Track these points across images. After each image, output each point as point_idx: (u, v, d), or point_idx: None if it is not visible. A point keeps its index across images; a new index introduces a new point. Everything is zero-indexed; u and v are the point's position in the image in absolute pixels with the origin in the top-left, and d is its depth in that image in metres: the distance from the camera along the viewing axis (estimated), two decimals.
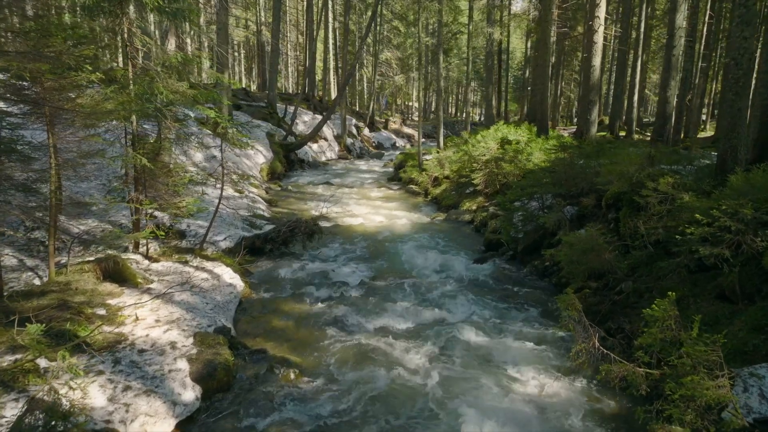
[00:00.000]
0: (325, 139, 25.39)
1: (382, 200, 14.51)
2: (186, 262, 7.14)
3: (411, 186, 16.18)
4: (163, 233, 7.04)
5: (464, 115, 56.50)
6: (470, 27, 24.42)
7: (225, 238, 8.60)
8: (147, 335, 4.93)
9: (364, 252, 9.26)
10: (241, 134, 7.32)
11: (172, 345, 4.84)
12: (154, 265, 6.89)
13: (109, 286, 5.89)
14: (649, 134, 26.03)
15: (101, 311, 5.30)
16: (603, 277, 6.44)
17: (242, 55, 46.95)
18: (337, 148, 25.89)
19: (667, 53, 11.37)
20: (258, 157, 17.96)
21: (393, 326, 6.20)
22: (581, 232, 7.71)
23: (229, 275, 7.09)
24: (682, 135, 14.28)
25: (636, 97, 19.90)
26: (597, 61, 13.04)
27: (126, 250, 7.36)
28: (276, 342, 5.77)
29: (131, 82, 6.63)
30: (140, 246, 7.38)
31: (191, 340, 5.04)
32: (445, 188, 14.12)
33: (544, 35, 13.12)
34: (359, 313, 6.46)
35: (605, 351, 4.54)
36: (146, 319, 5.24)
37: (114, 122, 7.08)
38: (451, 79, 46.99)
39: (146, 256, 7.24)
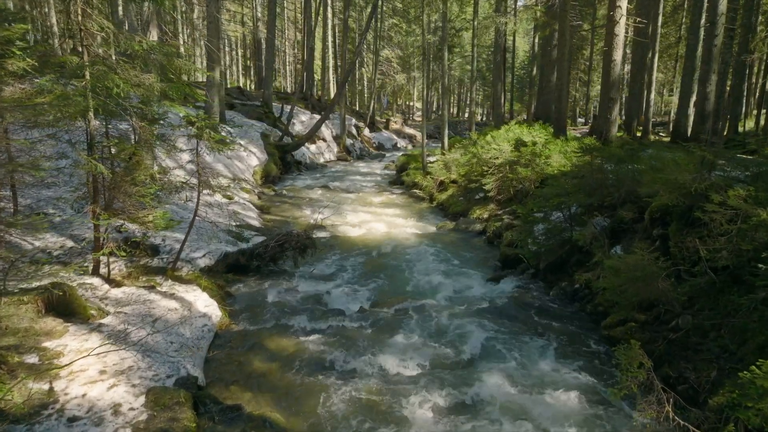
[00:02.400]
0: (324, 140, 24.30)
1: (384, 206, 13.42)
2: (152, 287, 6.04)
3: (414, 190, 15.09)
4: (124, 253, 5.95)
5: (467, 114, 55.43)
6: (475, 23, 23.32)
7: (204, 255, 7.50)
8: (84, 395, 3.83)
9: (363, 269, 8.16)
10: (219, 135, 6.23)
11: (116, 409, 3.75)
12: (114, 292, 5.79)
13: (50, 323, 4.79)
14: (662, 134, 24.89)
15: (32, 358, 4.21)
16: (653, 308, 5.34)
17: (239, 54, 45.87)
18: (336, 149, 24.80)
19: (707, 43, 10.25)
20: (251, 159, 16.87)
21: (398, 369, 5.10)
22: (616, 249, 6.62)
23: (203, 302, 6.00)
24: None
25: (652, 96, 18.81)
26: (618, 55, 11.94)
27: (85, 271, 6.27)
28: (255, 392, 4.67)
29: (87, 72, 5.54)
30: (101, 266, 6.29)
31: (142, 399, 3.94)
32: (452, 193, 13.02)
33: (562, 26, 11.97)
34: (357, 352, 5.37)
35: (682, 423, 3.45)
36: (88, 370, 4.14)
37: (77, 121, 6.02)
38: (453, 78, 45.96)
39: (107, 279, 6.14)
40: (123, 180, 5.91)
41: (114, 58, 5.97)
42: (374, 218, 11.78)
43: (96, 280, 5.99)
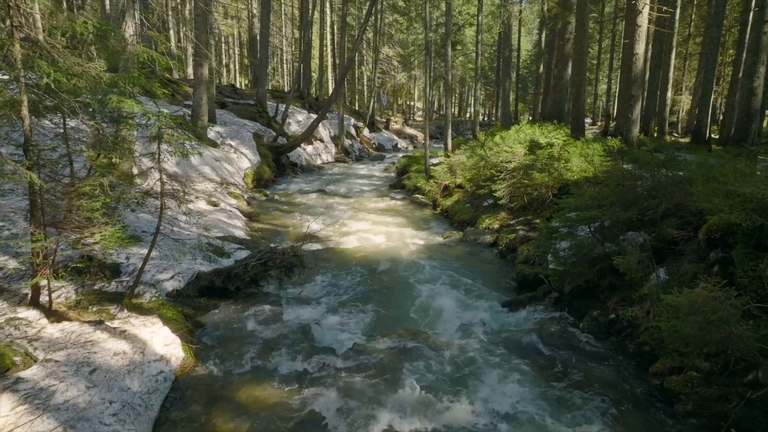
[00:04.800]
0: (321, 141, 23.26)
1: (384, 213, 12.36)
2: (100, 322, 4.96)
3: (416, 195, 14.02)
4: (63, 281, 4.88)
5: (468, 114, 54.40)
6: (480, 18, 22.29)
7: (173, 276, 6.43)
8: None
9: (359, 290, 7.10)
10: (183, 137, 5.17)
11: None
12: (51, 329, 4.72)
13: None
14: (675, 135, 23.82)
15: None
16: (719, 353, 4.27)
17: (237, 52, 44.85)
18: (333, 150, 23.77)
19: (755, 30, 9.16)
20: (242, 161, 15.83)
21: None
22: (659, 273, 5.55)
23: (163, 339, 4.93)
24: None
25: (668, 94, 17.76)
26: (640, 48, 10.87)
27: (23, 300, 5.21)
28: None
29: (17, 57, 4.49)
30: (43, 294, 5.22)
31: None
32: (458, 199, 11.96)
33: (581, 15, 10.87)
34: (350, 407, 4.30)
35: None
36: None
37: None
38: (455, 78, 44.97)
39: (48, 311, 5.07)
40: (65, 192, 4.84)
41: (53, 41, 4.90)
42: (373, 227, 10.72)
43: (32, 313, 4.92)
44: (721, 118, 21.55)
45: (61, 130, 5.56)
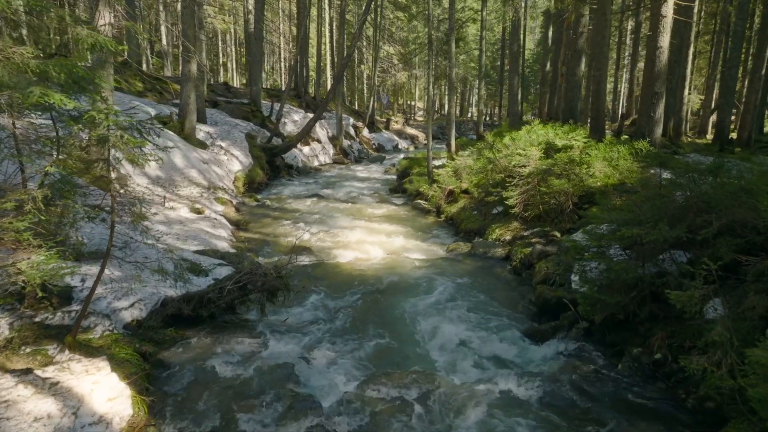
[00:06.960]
0: (318, 141, 22.31)
1: (383, 221, 11.40)
2: (28, 372, 3.98)
3: (419, 201, 13.05)
4: None
5: (470, 114, 53.50)
6: (484, 13, 21.34)
7: (133, 304, 5.45)
8: None
9: (354, 317, 6.13)
10: (134, 139, 4.21)
11: None
12: None
13: None
14: (688, 136, 22.83)
15: None
16: None
17: (234, 51, 43.93)
18: (332, 151, 22.81)
19: None
20: (233, 163, 14.88)
21: None
22: (714, 304, 4.57)
23: (107, 392, 3.95)
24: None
25: (686, 92, 16.78)
26: (665, 40, 9.90)
27: None
28: None
29: None
30: None
31: None
32: (464, 206, 10.99)
33: (602, 2, 9.89)
34: None
35: None
36: None
37: None
38: (457, 77, 44.02)
39: None
40: None
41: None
42: (371, 236, 9.77)
43: None
44: (735, 118, 20.56)
45: None
